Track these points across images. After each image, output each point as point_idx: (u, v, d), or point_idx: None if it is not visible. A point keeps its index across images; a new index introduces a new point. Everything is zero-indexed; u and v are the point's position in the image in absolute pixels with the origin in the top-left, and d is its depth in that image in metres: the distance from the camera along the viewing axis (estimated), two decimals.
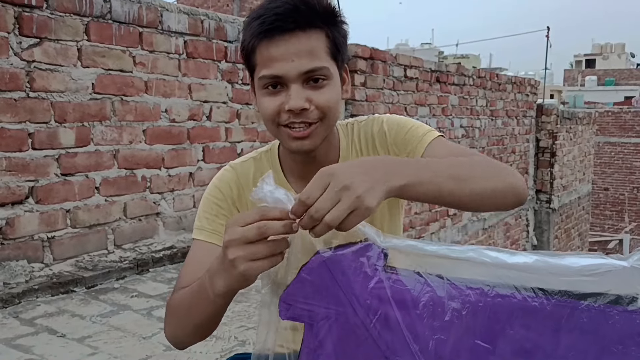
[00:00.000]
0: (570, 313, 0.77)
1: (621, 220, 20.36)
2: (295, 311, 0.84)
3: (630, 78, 39.13)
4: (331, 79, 1.02)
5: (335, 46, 1.02)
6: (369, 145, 1.13)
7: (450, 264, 0.81)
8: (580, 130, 10.35)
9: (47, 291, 2.75)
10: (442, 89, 6.36)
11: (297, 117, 0.99)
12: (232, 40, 3.76)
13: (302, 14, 0.98)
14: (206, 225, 1.10)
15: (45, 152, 2.82)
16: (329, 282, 0.82)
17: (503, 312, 0.79)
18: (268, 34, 0.97)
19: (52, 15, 2.79)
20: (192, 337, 1.02)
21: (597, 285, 0.77)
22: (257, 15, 0.99)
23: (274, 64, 0.98)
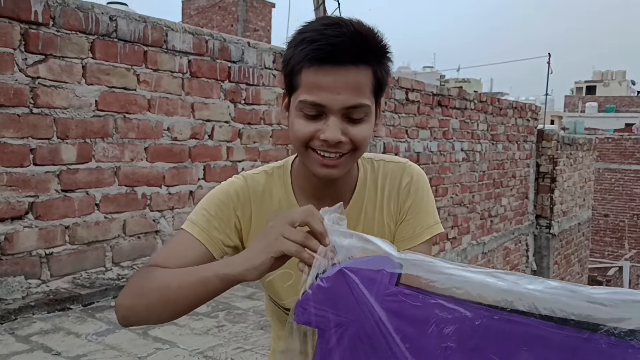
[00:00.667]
0: (584, 344, 0.76)
1: (621, 247, 20.30)
2: (310, 316, 0.85)
3: (631, 105, 39.31)
4: (369, 116, 1.03)
5: (379, 84, 1.02)
6: (392, 189, 1.15)
7: (464, 284, 0.82)
8: (581, 156, 10.37)
9: (44, 308, 2.73)
10: (443, 112, 6.39)
11: (330, 147, 1.00)
12: (235, 60, 3.79)
13: (356, 48, 0.97)
14: (201, 222, 1.08)
15: (46, 167, 2.82)
16: (344, 292, 0.84)
17: (514, 336, 0.79)
18: (320, 62, 0.96)
19: (58, 33, 2.82)
20: (154, 316, 0.98)
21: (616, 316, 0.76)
22: (311, 38, 0.97)
23: (319, 92, 0.97)
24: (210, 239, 1.07)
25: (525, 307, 0.80)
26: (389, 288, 0.83)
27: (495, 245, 7.95)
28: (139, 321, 1.01)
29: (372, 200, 1.15)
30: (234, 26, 18.50)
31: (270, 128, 4.12)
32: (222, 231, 1.09)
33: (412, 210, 1.14)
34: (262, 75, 4.00)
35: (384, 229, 1.15)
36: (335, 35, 0.96)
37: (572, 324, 0.77)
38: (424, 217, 1.15)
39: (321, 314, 0.85)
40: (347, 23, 0.98)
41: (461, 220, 6.93)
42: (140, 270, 1.03)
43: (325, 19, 1.01)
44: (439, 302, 0.82)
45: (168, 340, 2.46)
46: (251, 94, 3.93)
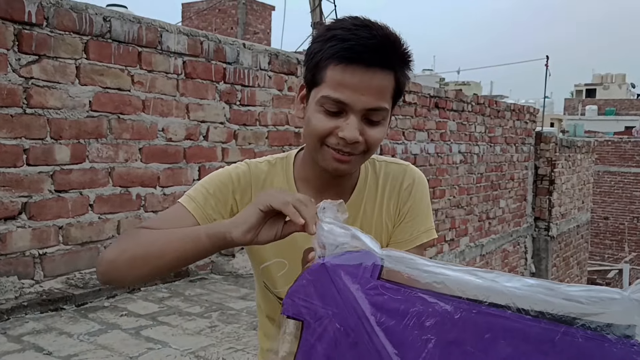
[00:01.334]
0: (561, 337, 0.78)
1: (621, 250, 20.27)
2: (297, 308, 0.87)
3: (630, 108, 39.32)
4: (385, 119, 1.06)
5: (399, 89, 1.05)
6: (393, 190, 1.17)
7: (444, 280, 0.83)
8: (579, 158, 10.37)
9: (36, 308, 2.73)
10: (440, 114, 6.39)
11: (346, 145, 1.02)
12: (231, 61, 3.79)
13: (385, 52, 0.99)
14: (198, 199, 1.09)
15: (39, 168, 2.82)
16: (327, 285, 0.86)
17: (492, 330, 0.80)
18: (349, 61, 0.98)
19: (51, 33, 2.82)
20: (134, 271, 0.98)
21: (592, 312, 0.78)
22: (342, 36, 0.99)
23: (344, 90, 0.99)
24: (205, 216, 1.08)
25: (503, 302, 0.81)
26: (371, 281, 0.85)
27: (493, 247, 7.94)
28: (118, 277, 1.01)
29: (371, 200, 1.16)
30: (234, 29, 18.53)
31: (266, 129, 4.12)
32: (218, 211, 1.10)
33: (411, 214, 1.16)
34: (257, 77, 4.01)
35: (381, 228, 1.17)
36: (367, 37, 0.98)
37: (549, 318, 0.79)
38: (422, 221, 1.17)
39: (308, 305, 0.87)
40: (377, 26, 1.00)
41: (459, 222, 6.93)
42: (129, 230, 1.07)
43: (356, 19, 1.02)
44: (420, 295, 0.84)
45: (160, 340, 2.45)
46: (246, 95, 3.93)
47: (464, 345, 0.81)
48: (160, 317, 2.73)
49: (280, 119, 4.24)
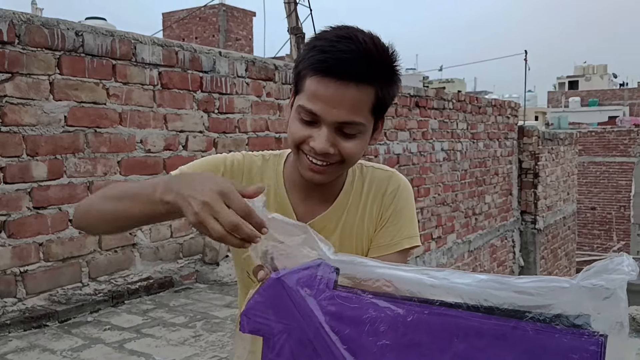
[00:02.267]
0: (511, 332, 0.79)
1: (609, 239, 20.45)
2: (255, 325, 0.87)
3: (613, 98, 39.69)
4: (363, 133, 1.04)
5: (380, 104, 1.03)
6: (376, 197, 1.17)
7: (395, 282, 0.84)
8: (562, 150, 10.46)
9: (20, 326, 2.72)
10: (421, 113, 6.43)
11: (317, 155, 1.03)
12: (207, 70, 3.80)
13: (361, 67, 0.97)
14: (186, 171, 1.11)
15: (17, 185, 2.81)
16: (283, 299, 0.86)
17: (446, 329, 0.81)
18: (323, 73, 0.98)
19: (23, 51, 2.82)
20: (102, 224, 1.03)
21: (542, 303, 0.79)
22: (321, 48, 0.99)
23: (317, 102, 0.99)
24: None
25: (454, 300, 0.82)
26: (326, 292, 0.85)
27: (481, 243, 7.99)
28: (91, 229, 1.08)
29: (355, 204, 1.16)
30: (216, 36, 18.50)
31: (246, 136, 4.13)
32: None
33: (393, 219, 1.15)
34: (235, 84, 4.02)
35: (362, 233, 1.17)
36: (343, 51, 0.97)
37: (499, 313, 0.80)
38: (404, 227, 1.16)
39: (265, 322, 0.87)
40: (360, 39, 0.98)
41: (445, 219, 6.97)
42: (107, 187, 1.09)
43: (343, 30, 1.02)
44: (373, 301, 0.84)
45: (144, 352, 2.45)
46: (224, 103, 3.94)
47: (420, 347, 0.82)
48: (144, 329, 2.73)
49: (260, 125, 4.25)
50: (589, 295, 0.78)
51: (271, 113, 4.33)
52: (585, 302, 0.78)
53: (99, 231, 1.06)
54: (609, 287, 0.77)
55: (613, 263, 0.78)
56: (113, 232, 1.06)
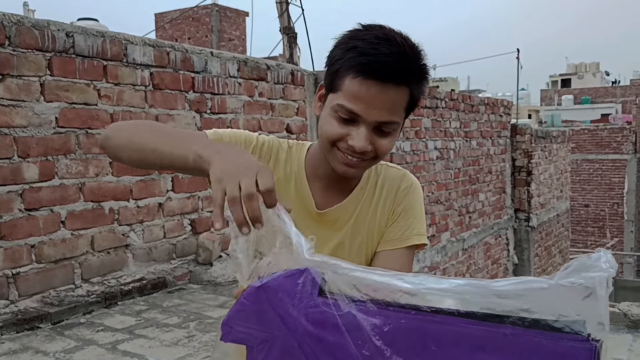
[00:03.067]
0: (492, 336, 0.78)
1: (603, 236, 20.53)
2: (236, 334, 0.86)
3: (606, 96, 39.85)
4: (397, 130, 1.09)
5: (413, 103, 1.07)
6: (390, 193, 1.21)
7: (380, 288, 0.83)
8: (555, 148, 10.50)
9: (12, 328, 2.71)
10: (414, 112, 6.42)
11: (355, 153, 1.06)
12: (199, 70, 3.80)
13: (402, 70, 1.01)
14: (222, 134, 1.15)
15: (8, 187, 2.80)
16: (266, 307, 0.85)
17: (424, 335, 0.81)
18: (366, 75, 1.01)
19: (14, 52, 2.81)
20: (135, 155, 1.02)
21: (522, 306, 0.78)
22: (362, 49, 1.01)
23: (357, 102, 1.02)
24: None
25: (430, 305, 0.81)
26: (311, 299, 0.84)
27: (475, 240, 8.01)
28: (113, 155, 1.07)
29: (369, 198, 1.20)
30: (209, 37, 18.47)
31: None
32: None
33: (404, 214, 1.19)
34: (227, 84, 4.02)
35: (374, 226, 1.20)
36: (386, 54, 1.00)
37: (479, 317, 0.79)
38: (414, 223, 1.19)
39: (247, 331, 0.86)
40: (398, 42, 1.01)
41: (439, 217, 6.98)
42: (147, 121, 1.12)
43: (379, 30, 1.04)
44: (357, 309, 0.83)
45: (137, 353, 2.45)
46: (217, 103, 3.94)
47: (405, 354, 0.82)
48: (137, 330, 2.73)
49: (253, 125, 4.25)
50: (568, 295, 0.76)
51: (264, 113, 4.33)
52: (564, 302, 0.77)
53: (129, 156, 1.03)
54: (588, 285, 0.75)
55: (591, 259, 0.76)
56: (138, 163, 1.05)
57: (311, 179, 1.19)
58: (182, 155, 0.95)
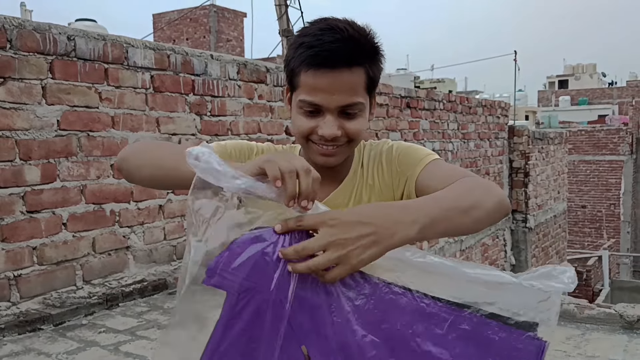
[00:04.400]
0: (454, 319, 0.83)
1: (600, 237, 20.59)
2: (219, 280, 0.86)
3: (603, 97, 39.96)
4: (363, 111, 1.11)
5: (372, 81, 1.11)
6: (375, 161, 1.22)
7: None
8: (553, 149, 10.54)
9: (14, 330, 2.72)
10: (412, 114, 6.47)
11: (327, 141, 1.10)
12: (199, 73, 3.82)
13: (350, 52, 1.05)
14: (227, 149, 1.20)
15: (10, 190, 2.82)
16: (255, 259, 0.85)
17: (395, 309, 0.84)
18: (316, 66, 1.05)
19: (15, 55, 2.83)
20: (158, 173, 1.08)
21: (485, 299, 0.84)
22: (309, 43, 1.05)
23: (316, 93, 1.06)
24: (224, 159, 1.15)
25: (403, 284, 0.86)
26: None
27: (472, 241, 8.04)
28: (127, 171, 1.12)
29: (362, 178, 1.22)
30: (207, 37, 18.48)
31: (239, 138, 4.15)
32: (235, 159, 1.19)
33: (401, 158, 1.18)
34: (226, 87, 4.04)
35: (380, 195, 1.21)
36: (331, 41, 1.04)
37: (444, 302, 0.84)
38: (415, 154, 1.18)
39: (231, 277, 0.85)
40: (341, 28, 1.05)
41: None
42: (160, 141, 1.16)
43: (322, 22, 1.08)
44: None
45: (139, 354, 2.47)
46: (216, 106, 3.96)
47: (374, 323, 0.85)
48: (139, 332, 2.75)
49: (252, 127, 4.27)
50: (527, 295, 0.83)
51: (263, 115, 4.36)
52: (523, 300, 0.83)
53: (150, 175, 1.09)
54: (546, 290, 0.82)
55: (556, 271, 0.83)
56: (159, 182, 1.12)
57: None
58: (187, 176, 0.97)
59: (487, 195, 1.00)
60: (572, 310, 3.28)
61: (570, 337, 3.04)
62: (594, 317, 3.22)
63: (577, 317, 3.25)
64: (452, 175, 1.09)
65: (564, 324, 3.22)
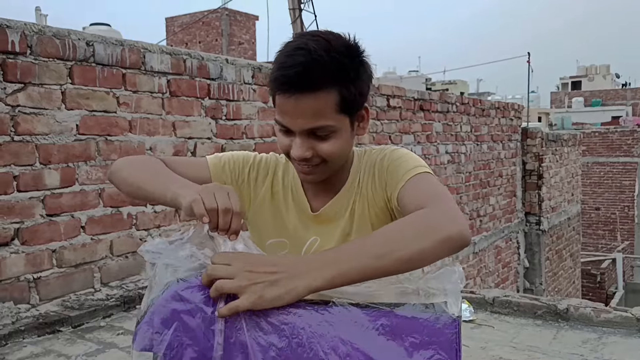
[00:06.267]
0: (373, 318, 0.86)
1: (614, 239, 20.42)
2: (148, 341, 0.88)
3: (616, 98, 39.65)
4: (337, 131, 1.09)
5: (347, 101, 1.07)
6: (370, 171, 1.21)
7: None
8: (566, 152, 10.48)
9: (34, 332, 2.77)
10: (425, 116, 6.47)
11: (301, 161, 1.11)
12: (214, 77, 3.85)
13: (311, 76, 1.02)
14: (221, 158, 1.27)
15: (30, 193, 2.87)
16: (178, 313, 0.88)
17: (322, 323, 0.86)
18: (281, 90, 1.05)
19: (35, 61, 2.87)
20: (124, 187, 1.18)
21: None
22: (278, 64, 1.06)
23: (284, 115, 1.07)
24: (218, 173, 1.25)
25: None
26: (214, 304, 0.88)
27: (486, 244, 8.02)
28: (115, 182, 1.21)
29: (359, 189, 1.22)
30: (219, 40, 18.58)
31: (253, 142, 4.18)
32: (230, 175, 1.26)
33: (391, 169, 1.16)
34: (242, 91, 4.07)
35: (365, 219, 1.20)
36: (292, 66, 1.02)
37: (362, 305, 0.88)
38: (404, 165, 1.15)
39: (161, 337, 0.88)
40: (310, 49, 1.02)
41: None
42: (149, 156, 1.24)
43: (300, 39, 1.06)
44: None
45: None
46: (232, 110, 3.99)
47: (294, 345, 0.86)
48: None
49: (267, 130, 4.30)
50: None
51: None
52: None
53: (126, 192, 1.19)
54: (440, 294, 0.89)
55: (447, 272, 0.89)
56: (133, 197, 1.22)
57: (306, 186, 1.25)
58: (161, 193, 1.06)
59: (425, 235, 0.94)
60: (588, 314, 3.27)
61: (587, 341, 3.03)
62: (611, 321, 3.20)
63: (593, 320, 3.24)
64: (420, 197, 1.06)
65: (580, 328, 3.21)
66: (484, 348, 3.00)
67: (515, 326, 3.32)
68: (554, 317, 3.36)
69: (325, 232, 1.20)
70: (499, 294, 3.71)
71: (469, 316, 3.43)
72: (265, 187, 1.26)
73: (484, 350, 2.97)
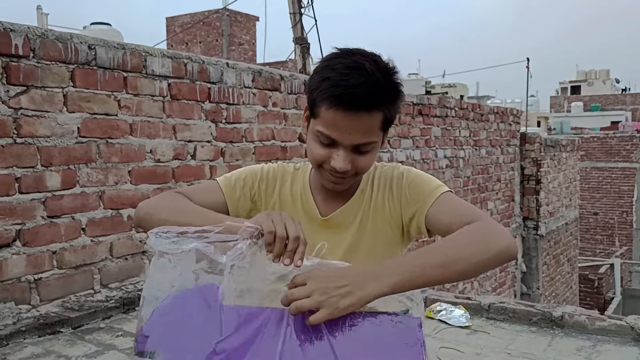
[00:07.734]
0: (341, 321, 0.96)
1: (612, 245, 20.45)
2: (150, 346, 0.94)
3: (616, 103, 39.71)
4: (375, 147, 1.19)
5: (388, 120, 1.16)
6: (386, 186, 1.28)
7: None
8: (565, 157, 10.52)
9: (34, 332, 2.79)
10: (424, 121, 6.50)
11: (337, 173, 1.17)
12: (215, 81, 3.88)
13: (372, 97, 1.09)
14: (230, 178, 1.32)
15: (31, 195, 2.89)
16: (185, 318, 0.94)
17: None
18: (338, 107, 1.10)
19: (38, 64, 2.90)
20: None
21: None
22: (333, 81, 1.09)
23: (334, 130, 1.12)
24: (230, 193, 1.29)
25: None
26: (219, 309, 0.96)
27: None
28: (148, 228, 1.18)
29: (369, 198, 1.28)
30: (219, 41, 18.61)
31: (253, 145, 4.21)
32: (242, 192, 1.31)
33: (412, 187, 1.25)
34: (242, 95, 4.10)
35: (386, 220, 1.27)
36: (354, 85, 1.08)
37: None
38: (426, 185, 1.25)
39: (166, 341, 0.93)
40: (367, 70, 1.09)
41: None
42: (169, 193, 1.25)
43: (350, 58, 1.11)
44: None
45: None
46: (232, 113, 4.02)
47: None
48: None
49: (267, 134, 4.33)
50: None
51: (277, 122, 4.41)
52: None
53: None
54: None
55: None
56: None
57: (315, 192, 1.30)
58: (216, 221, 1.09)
59: (482, 248, 1.04)
60: (583, 322, 3.29)
61: (581, 349, 3.05)
62: (605, 329, 3.23)
63: (588, 328, 3.27)
64: (461, 213, 1.15)
65: (575, 335, 3.24)
66: (479, 354, 3.02)
67: (511, 332, 3.35)
68: (548, 324, 3.39)
69: (333, 238, 1.24)
70: (494, 300, 3.74)
71: (465, 322, 3.46)
72: (274, 196, 1.32)
73: (479, 357, 3.00)
